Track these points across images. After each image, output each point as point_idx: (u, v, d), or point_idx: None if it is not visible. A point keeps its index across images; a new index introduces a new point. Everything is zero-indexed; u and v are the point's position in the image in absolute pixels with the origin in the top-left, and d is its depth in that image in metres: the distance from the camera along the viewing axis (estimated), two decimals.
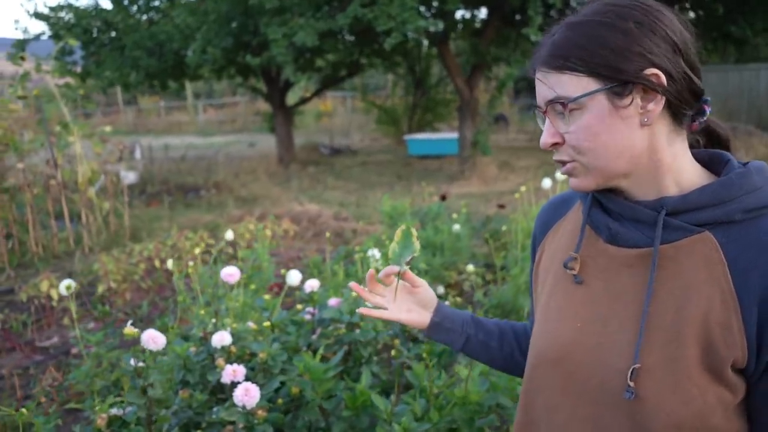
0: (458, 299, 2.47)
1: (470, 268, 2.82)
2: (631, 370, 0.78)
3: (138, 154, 12.34)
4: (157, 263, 4.89)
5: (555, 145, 0.85)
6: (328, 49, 8.97)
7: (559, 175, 3.19)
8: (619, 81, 0.79)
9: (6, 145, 5.98)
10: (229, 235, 2.84)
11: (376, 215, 7.37)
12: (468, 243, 4.12)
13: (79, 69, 11.43)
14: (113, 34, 11.07)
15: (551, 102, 0.83)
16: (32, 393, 3.18)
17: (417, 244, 1.02)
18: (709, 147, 0.92)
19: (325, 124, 21.93)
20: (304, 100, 13.72)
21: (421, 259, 3.55)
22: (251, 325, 2.06)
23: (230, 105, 29.34)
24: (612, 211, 0.87)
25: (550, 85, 0.83)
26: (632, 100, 0.80)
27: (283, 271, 2.73)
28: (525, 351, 1.07)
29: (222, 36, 9.11)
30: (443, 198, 4.84)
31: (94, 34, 11.05)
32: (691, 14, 11.55)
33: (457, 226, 3.98)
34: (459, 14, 10.69)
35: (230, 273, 2.01)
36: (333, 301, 2.22)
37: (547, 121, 0.85)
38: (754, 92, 14.32)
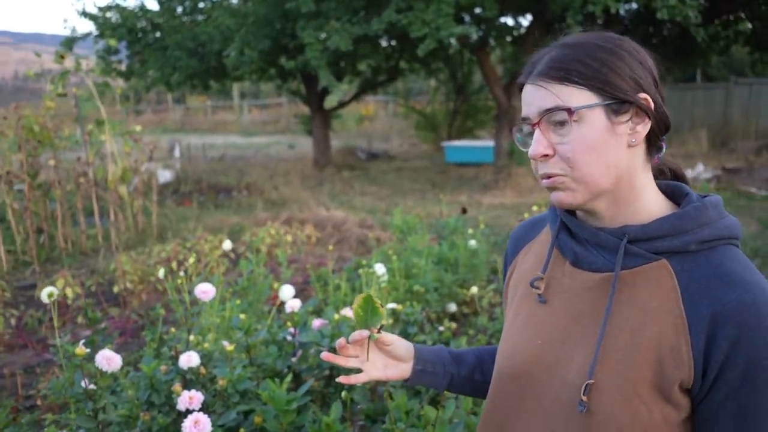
0: (454, 324, 2.32)
1: (474, 290, 2.67)
2: (585, 385, 0.83)
3: (177, 153, 12.55)
4: (174, 265, 4.88)
5: (545, 156, 0.86)
6: (363, 54, 8.90)
7: None
8: (618, 99, 0.84)
9: (39, 141, 6.10)
10: (227, 245, 2.77)
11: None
12: (486, 259, 3.95)
13: (123, 68, 11.71)
14: (158, 34, 11.29)
15: (549, 111, 0.84)
16: (31, 394, 3.19)
17: (382, 311, 1.01)
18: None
19: (365, 127, 21.94)
20: (342, 104, 13.72)
21: (431, 275, 3.42)
22: (226, 345, 1.97)
23: (274, 106, 29.68)
24: (577, 235, 0.92)
25: (552, 94, 0.84)
26: (627, 119, 0.85)
27: (276, 284, 2.64)
28: None
29: (260, 38, 9.16)
30: (464, 211, 4.68)
31: (139, 35, 11.29)
32: (748, 25, 11.04)
33: (473, 242, 3.82)
34: (501, 21, 10.48)
35: (204, 290, 1.93)
36: (316, 323, 2.12)
37: (538, 132, 0.86)
38: None
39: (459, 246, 3.80)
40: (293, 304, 2.06)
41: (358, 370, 1.04)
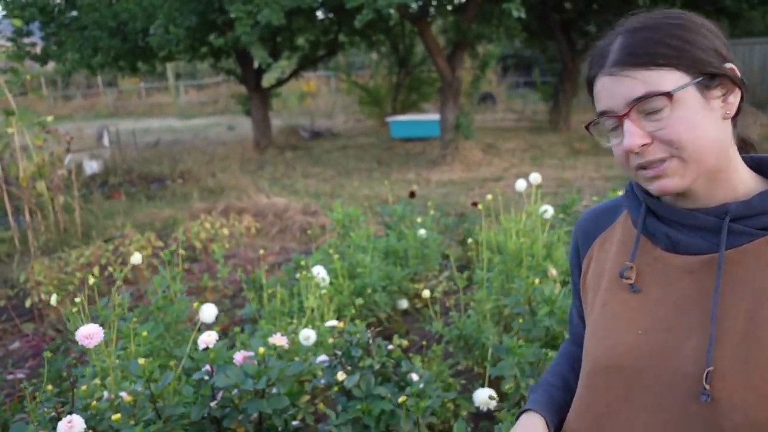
0: (405, 342, 2.01)
1: (426, 293, 2.36)
2: (705, 373, 0.79)
3: (106, 141, 11.76)
4: (95, 271, 4.39)
5: (644, 146, 0.83)
6: (298, 27, 8.37)
7: (534, 178, 2.71)
8: (708, 74, 0.82)
9: None
10: (136, 258, 2.35)
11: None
12: (437, 248, 3.64)
13: (39, 51, 10.76)
14: (74, 13, 10.39)
15: (641, 99, 0.81)
16: None
17: None
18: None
19: (308, 105, 21.31)
20: (280, 82, 13.12)
21: (377, 273, 3.09)
22: (125, 396, 1.58)
23: (212, 86, 28.57)
24: (667, 219, 0.89)
25: (639, 82, 0.81)
26: (720, 93, 0.83)
27: (195, 304, 2.26)
28: None
29: (186, 14, 8.50)
30: (412, 195, 4.36)
31: (54, 13, 10.37)
32: None
33: (422, 231, 3.50)
34: None
35: (88, 334, 1.53)
36: (239, 357, 1.75)
37: (630, 123, 0.83)
38: (747, 69, 13.83)
39: (408, 236, 3.47)
40: (208, 339, 1.69)
41: None
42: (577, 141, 10.87)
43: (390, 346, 2.02)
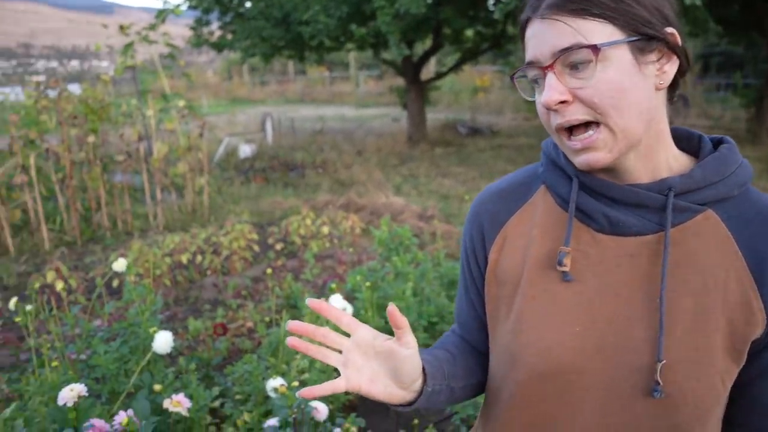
0: (354, 429, 1.50)
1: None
2: (660, 367, 0.72)
3: (268, 127, 12.31)
4: (184, 258, 4.39)
5: (563, 103, 0.73)
6: (445, 18, 7.86)
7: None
8: (645, 35, 0.72)
9: (75, 117, 5.84)
10: (120, 264, 2.11)
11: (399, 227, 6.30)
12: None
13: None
14: (248, 4, 10.94)
15: (567, 50, 0.71)
16: None
17: None
18: None
19: (480, 100, 20.70)
20: (439, 75, 12.71)
21: (422, 308, 2.56)
22: None
23: (390, 76, 29.17)
24: (603, 196, 0.78)
25: (568, 30, 0.71)
26: (655, 58, 0.74)
27: (153, 329, 1.95)
28: (479, 369, 0.93)
29: (338, 4, 8.45)
30: None
31: (233, 3, 11.01)
32: None
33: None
34: None
35: None
36: (117, 419, 1.38)
37: (552, 76, 0.72)
38: None
39: (398, 290, 2.87)
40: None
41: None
42: None
43: (337, 431, 1.53)
